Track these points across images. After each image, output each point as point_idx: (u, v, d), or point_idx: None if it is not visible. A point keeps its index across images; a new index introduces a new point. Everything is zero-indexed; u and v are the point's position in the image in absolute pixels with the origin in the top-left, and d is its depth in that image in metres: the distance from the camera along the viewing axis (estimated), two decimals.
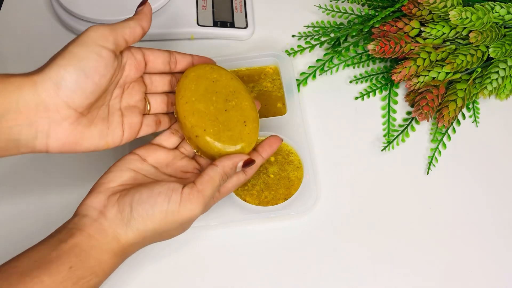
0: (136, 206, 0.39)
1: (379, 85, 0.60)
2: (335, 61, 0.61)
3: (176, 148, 0.47)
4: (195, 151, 0.46)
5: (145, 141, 0.46)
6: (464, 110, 0.59)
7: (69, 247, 0.37)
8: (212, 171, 0.42)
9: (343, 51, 0.60)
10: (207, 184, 0.41)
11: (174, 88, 0.47)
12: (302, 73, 0.60)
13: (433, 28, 0.54)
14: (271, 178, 0.52)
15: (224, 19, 0.63)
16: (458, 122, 0.58)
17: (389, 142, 0.56)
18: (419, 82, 0.55)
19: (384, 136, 0.57)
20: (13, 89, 0.36)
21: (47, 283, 0.36)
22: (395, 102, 0.59)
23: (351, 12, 0.62)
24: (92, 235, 0.39)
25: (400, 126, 0.58)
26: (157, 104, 0.47)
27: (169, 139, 0.46)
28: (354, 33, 0.60)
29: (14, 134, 0.36)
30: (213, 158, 0.45)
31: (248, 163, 0.44)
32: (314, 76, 0.60)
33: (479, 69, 0.56)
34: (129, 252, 0.41)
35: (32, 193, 0.53)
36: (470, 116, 0.59)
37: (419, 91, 0.56)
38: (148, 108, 0.46)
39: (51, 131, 0.38)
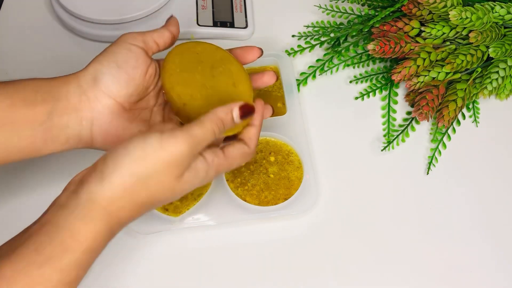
0: (110, 155, 0.35)
1: (379, 85, 0.60)
2: (335, 61, 0.61)
3: None
4: None
5: None
6: (464, 110, 0.59)
7: (38, 226, 0.33)
8: (204, 116, 0.38)
9: (343, 51, 0.60)
10: (194, 125, 0.37)
11: None
12: (302, 73, 0.60)
13: (433, 28, 0.54)
14: (271, 178, 0.52)
15: (224, 19, 0.63)
16: (458, 122, 0.58)
17: (389, 142, 0.56)
18: (419, 82, 0.55)
19: (384, 136, 0.57)
20: (62, 83, 0.41)
21: (7, 274, 0.31)
22: (395, 102, 0.59)
23: (351, 12, 0.62)
24: (62, 205, 0.34)
25: (400, 126, 0.58)
26: None
27: None
28: (354, 33, 0.60)
29: (63, 121, 0.40)
30: None
31: (246, 110, 0.40)
32: (314, 76, 0.60)
33: (479, 69, 0.56)
34: (114, 214, 0.34)
35: (29, 190, 0.53)
36: (470, 116, 0.59)
37: (419, 91, 0.56)
38: None
39: (94, 119, 0.41)
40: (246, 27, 0.63)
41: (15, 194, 0.52)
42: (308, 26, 0.64)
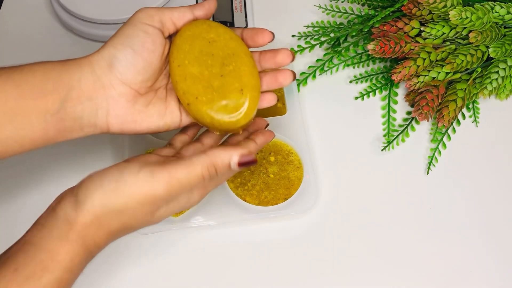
0: (87, 181, 0.35)
1: (379, 85, 0.60)
2: (335, 61, 0.61)
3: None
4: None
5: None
6: (464, 110, 0.59)
7: (18, 247, 0.34)
8: (196, 157, 0.36)
9: (343, 51, 0.60)
10: (181, 166, 0.35)
11: None
12: (302, 73, 0.60)
13: (433, 28, 0.54)
14: (271, 178, 0.52)
15: (224, 19, 0.63)
16: (458, 122, 0.58)
17: (389, 142, 0.56)
18: (419, 82, 0.55)
19: (384, 136, 0.57)
20: (75, 69, 0.38)
21: None
22: (395, 102, 0.59)
23: (351, 12, 0.62)
24: (43, 224, 0.35)
25: (400, 126, 0.58)
26: None
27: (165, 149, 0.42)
28: (354, 33, 0.60)
29: (77, 112, 0.38)
30: (212, 128, 0.42)
31: (247, 161, 0.37)
32: (314, 76, 0.60)
33: (479, 69, 0.56)
34: (88, 238, 0.35)
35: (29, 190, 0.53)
36: (470, 116, 0.59)
37: (419, 91, 0.56)
38: None
39: (110, 108, 0.39)
40: (246, 27, 0.63)
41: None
42: (308, 26, 0.64)
